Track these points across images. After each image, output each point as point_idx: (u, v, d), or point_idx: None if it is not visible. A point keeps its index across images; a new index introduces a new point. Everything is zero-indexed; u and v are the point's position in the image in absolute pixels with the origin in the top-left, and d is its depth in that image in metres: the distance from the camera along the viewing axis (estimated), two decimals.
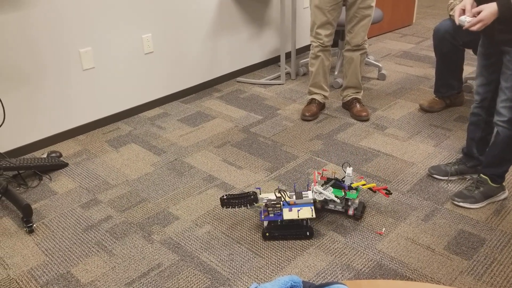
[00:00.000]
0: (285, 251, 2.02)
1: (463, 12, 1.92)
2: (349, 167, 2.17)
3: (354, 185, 2.13)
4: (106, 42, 3.01)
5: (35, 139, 2.87)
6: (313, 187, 2.10)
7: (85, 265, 1.98)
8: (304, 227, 2.07)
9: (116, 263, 1.99)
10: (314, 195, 2.08)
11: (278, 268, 1.93)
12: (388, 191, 2.13)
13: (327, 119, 3.15)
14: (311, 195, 2.08)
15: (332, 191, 2.11)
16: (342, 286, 0.96)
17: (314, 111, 3.15)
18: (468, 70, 3.66)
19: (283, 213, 2.04)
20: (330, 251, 2.01)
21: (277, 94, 3.58)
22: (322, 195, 2.08)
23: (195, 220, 2.23)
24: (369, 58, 3.84)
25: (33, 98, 2.79)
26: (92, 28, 2.92)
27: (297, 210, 2.04)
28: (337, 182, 2.15)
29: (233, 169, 2.62)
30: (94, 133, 3.09)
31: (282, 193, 2.06)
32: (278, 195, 2.07)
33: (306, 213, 2.03)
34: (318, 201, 2.15)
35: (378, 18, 3.60)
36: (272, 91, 3.64)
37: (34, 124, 2.84)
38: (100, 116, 3.14)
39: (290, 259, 1.97)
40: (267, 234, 2.07)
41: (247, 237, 2.10)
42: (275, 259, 1.98)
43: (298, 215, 2.03)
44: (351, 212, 2.16)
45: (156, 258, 2.01)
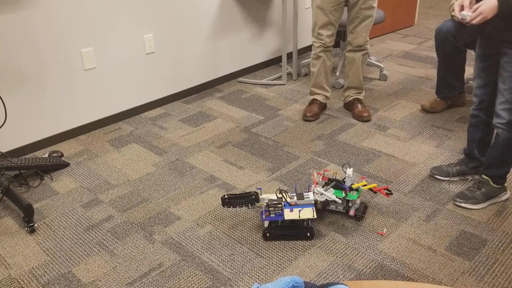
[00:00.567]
0: (287, 252, 2.01)
1: (462, 8, 1.93)
2: (350, 168, 2.17)
3: (355, 186, 2.13)
4: (108, 42, 3.01)
5: (37, 139, 2.87)
6: (314, 189, 2.09)
7: (86, 265, 1.98)
8: (305, 228, 2.06)
9: (117, 263, 1.99)
10: (315, 196, 2.08)
11: (280, 269, 1.93)
12: (389, 191, 2.13)
13: (329, 120, 3.15)
14: (312, 196, 2.08)
15: (333, 192, 2.10)
16: (344, 287, 0.96)
17: (316, 112, 3.15)
18: (470, 71, 3.66)
19: (284, 214, 2.04)
20: (332, 252, 2.00)
21: (279, 95, 3.58)
22: (324, 196, 2.07)
23: (196, 220, 2.23)
24: (371, 59, 3.84)
25: (35, 98, 2.79)
26: (94, 28, 2.92)
27: (298, 211, 2.04)
28: (338, 184, 2.15)
29: (235, 169, 2.62)
30: (96, 133, 3.09)
31: (284, 194, 2.06)
32: (280, 196, 2.07)
33: (307, 214, 2.03)
34: (319, 202, 2.15)
35: (380, 19, 3.60)
36: (274, 92, 3.64)
37: (36, 124, 2.84)
38: (102, 116, 3.14)
39: (292, 260, 1.97)
40: (268, 235, 2.06)
41: (249, 237, 2.10)
42: (277, 260, 1.98)
43: (299, 216, 2.03)
44: (353, 213, 2.16)
45: (157, 258, 2.01)
